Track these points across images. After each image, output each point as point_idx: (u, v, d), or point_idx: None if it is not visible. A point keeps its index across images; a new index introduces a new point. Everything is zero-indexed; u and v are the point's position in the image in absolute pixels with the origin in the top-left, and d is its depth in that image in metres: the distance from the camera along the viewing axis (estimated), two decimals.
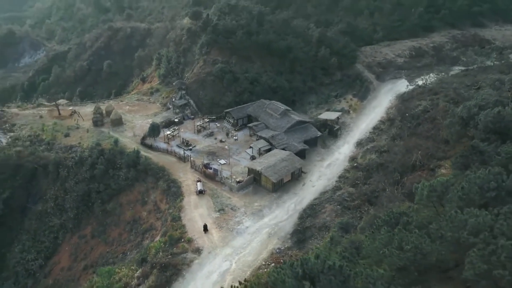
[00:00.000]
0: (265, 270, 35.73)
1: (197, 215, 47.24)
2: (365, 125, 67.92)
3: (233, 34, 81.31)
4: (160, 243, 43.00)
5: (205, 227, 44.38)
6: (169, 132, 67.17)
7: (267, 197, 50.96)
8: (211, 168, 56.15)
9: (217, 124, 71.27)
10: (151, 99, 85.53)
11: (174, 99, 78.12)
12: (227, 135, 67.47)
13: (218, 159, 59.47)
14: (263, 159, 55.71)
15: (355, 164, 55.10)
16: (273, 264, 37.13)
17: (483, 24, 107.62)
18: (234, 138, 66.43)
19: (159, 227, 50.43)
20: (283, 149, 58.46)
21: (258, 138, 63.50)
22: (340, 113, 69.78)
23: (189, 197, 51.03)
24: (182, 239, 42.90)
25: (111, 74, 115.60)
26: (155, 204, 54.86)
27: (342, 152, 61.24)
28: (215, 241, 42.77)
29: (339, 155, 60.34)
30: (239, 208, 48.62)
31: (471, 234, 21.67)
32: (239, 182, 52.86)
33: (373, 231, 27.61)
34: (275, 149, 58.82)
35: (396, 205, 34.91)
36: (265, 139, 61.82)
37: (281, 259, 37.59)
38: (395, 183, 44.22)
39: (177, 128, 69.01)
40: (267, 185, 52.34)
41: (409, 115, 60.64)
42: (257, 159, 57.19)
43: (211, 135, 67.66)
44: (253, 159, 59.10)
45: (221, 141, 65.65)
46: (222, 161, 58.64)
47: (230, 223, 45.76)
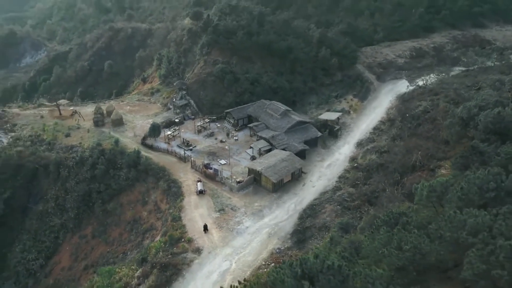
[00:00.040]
0: (265, 270, 35.80)
1: (197, 215, 47.36)
2: (365, 125, 67.95)
3: (234, 34, 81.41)
4: (160, 243, 43.13)
5: (205, 227, 44.50)
6: (170, 132, 67.31)
7: (267, 197, 51.04)
8: (211, 168, 56.24)
9: (217, 124, 71.38)
10: (151, 99, 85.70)
11: (175, 100, 78.24)
12: (228, 135, 67.55)
13: (219, 159, 59.58)
14: (263, 159, 55.79)
15: (355, 165, 55.14)
16: (273, 264, 37.18)
17: (484, 24, 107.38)
18: (235, 138, 66.53)
19: (159, 227, 50.54)
20: (283, 149, 58.53)
21: (258, 139, 63.59)
22: (340, 113, 69.82)
23: (189, 197, 51.15)
24: (182, 239, 43.02)
25: (112, 75, 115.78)
26: (155, 204, 54.98)
27: (342, 152, 61.27)
28: (215, 241, 42.87)
29: (339, 156, 60.39)
30: (239, 208, 48.71)
31: (470, 234, 21.74)
32: (239, 182, 52.95)
33: (372, 231, 27.69)
34: (275, 149, 58.90)
35: (396, 206, 34.96)
36: (265, 139, 61.90)
37: (281, 259, 37.63)
38: (395, 183, 44.25)
39: (177, 128, 69.16)
40: (267, 185, 52.42)
41: (410, 115, 60.65)
42: (258, 159, 57.29)
43: (211, 135, 67.76)
44: (253, 159, 59.18)
45: (221, 141, 65.75)
46: (223, 161, 58.76)
47: (230, 223, 45.86)
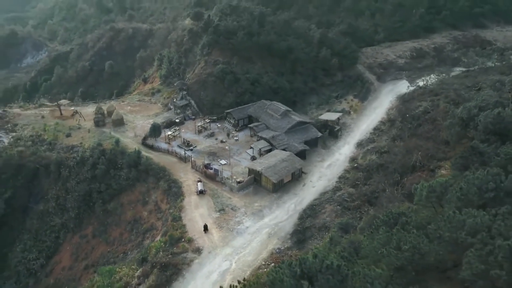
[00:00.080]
0: (265, 270, 35.84)
1: (197, 215, 47.43)
2: (365, 126, 68.01)
3: (234, 35, 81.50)
4: (160, 243, 43.21)
5: (205, 227, 44.57)
6: (170, 133, 67.40)
7: (267, 198, 51.10)
8: (211, 169, 56.31)
9: (218, 124, 71.46)
10: (152, 99, 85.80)
11: (175, 100, 78.34)
12: (228, 135, 67.62)
13: (219, 160, 59.67)
14: (263, 159, 55.83)
15: (355, 165, 55.20)
16: (273, 264, 37.23)
17: (484, 25, 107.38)
18: (235, 138, 66.60)
19: (159, 227, 50.62)
20: (283, 149, 58.58)
21: (258, 139, 63.65)
22: (340, 113, 69.88)
23: (189, 197, 51.22)
24: (183, 239, 43.09)
25: (112, 75, 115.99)
26: (156, 204, 55.06)
27: (343, 152, 61.31)
28: (215, 241, 42.93)
29: (340, 156, 60.42)
30: (239, 208, 48.76)
31: (469, 234, 21.81)
32: (239, 183, 53.01)
33: (371, 231, 27.74)
34: (275, 149, 58.94)
35: (396, 206, 35.00)
36: (265, 139, 61.96)
37: (280, 259, 37.67)
38: (395, 183, 44.31)
39: (178, 128, 69.24)
40: (267, 186, 52.48)
41: (410, 116, 60.71)
42: (258, 160, 57.33)
43: (212, 135, 67.83)
44: (253, 159, 59.24)
45: (221, 141, 65.82)
46: (223, 162, 58.84)
47: (230, 223, 45.92)
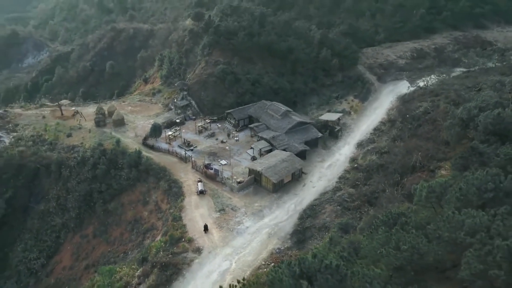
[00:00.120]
0: (265, 270, 35.92)
1: (197, 215, 47.53)
2: (365, 126, 68.08)
3: (235, 35, 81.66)
4: (160, 243, 43.32)
5: (205, 227, 44.67)
6: (171, 133, 67.51)
7: (268, 198, 51.18)
8: (212, 169, 56.41)
9: (218, 125, 71.56)
10: (153, 99, 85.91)
11: (176, 100, 78.46)
12: (228, 135, 67.72)
13: (219, 160, 59.76)
14: (263, 159, 55.92)
15: (355, 165, 55.25)
16: (272, 264, 37.30)
17: (485, 25, 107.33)
18: (235, 138, 66.69)
19: (160, 227, 50.72)
20: (283, 150, 58.66)
21: (259, 139, 63.74)
22: (341, 114, 69.93)
23: (190, 197, 51.32)
24: (183, 239, 43.20)
25: (113, 75, 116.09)
26: (156, 204, 55.15)
27: (343, 153, 61.38)
28: (215, 241, 43.03)
29: (340, 156, 60.50)
30: (239, 208, 48.86)
31: (468, 234, 21.86)
32: (239, 183, 53.10)
33: (371, 231, 27.80)
34: (276, 150, 59.02)
35: (395, 206, 35.04)
36: (266, 140, 62.04)
37: (280, 259, 37.73)
38: (395, 184, 44.33)
39: (178, 128, 69.37)
40: (267, 186, 52.55)
41: (410, 116, 60.73)
42: (258, 160, 57.41)
43: (212, 135, 67.92)
44: (254, 159, 59.31)
45: (222, 141, 65.91)
46: (223, 162, 58.93)
47: (230, 223, 46.02)
